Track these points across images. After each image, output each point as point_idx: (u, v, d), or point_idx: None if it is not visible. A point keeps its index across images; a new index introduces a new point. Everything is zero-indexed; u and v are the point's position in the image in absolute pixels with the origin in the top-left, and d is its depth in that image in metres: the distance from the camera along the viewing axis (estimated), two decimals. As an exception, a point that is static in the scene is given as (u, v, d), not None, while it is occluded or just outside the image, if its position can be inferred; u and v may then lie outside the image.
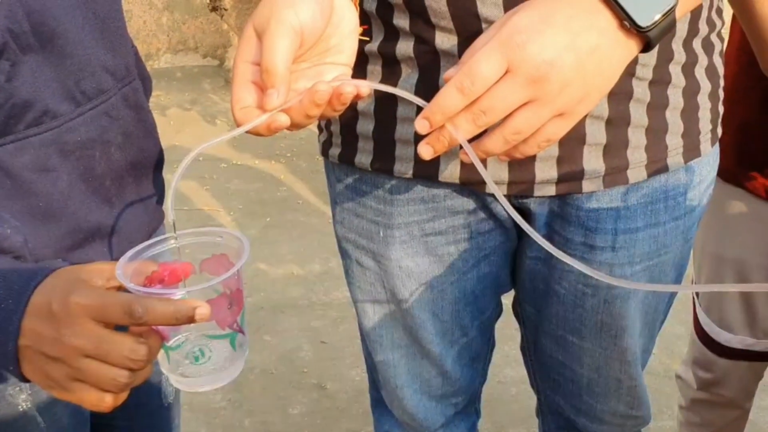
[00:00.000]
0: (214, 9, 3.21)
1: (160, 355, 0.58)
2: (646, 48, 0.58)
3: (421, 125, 0.56)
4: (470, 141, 0.57)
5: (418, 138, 0.75)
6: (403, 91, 0.60)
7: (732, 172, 1.04)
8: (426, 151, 0.58)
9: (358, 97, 0.59)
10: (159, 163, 0.84)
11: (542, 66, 0.53)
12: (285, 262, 2.42)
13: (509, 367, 1.85)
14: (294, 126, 0.60)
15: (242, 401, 1.84)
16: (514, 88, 0.54)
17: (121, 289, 0.56)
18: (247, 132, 0.58)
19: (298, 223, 2.68)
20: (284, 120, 0.58)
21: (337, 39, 0.62)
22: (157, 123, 0.85)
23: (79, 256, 0.73)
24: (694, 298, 1.19)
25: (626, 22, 0.55)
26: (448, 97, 0.54)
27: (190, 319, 0.53)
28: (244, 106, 0.58)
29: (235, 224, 2.68)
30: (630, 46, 0.57)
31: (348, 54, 0.64)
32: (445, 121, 0.55)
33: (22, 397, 0.75)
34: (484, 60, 0.53)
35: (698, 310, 1.17)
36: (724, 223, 1.08)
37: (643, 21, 0.55)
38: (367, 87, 0.59)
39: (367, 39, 0.74)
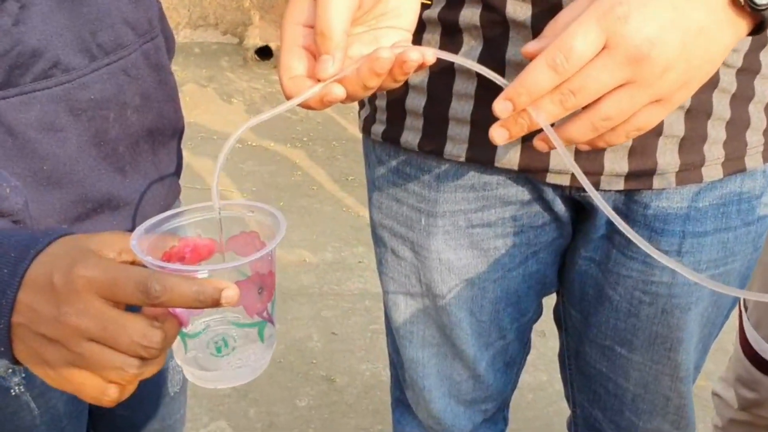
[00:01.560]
0: (237, -14, 3.13)
1: (176, 343, 0.50)
2: (756, 30, 0.50)
3: (502, 107, 0.49)
4: (551, 125, 0.50)
5: (475, 117, 0.69)
6: (478, 65, 0.52)
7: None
8: (500, 135, 0.51)
9: (422, 66, 0.52)
10: (178, 131, 0.77)
11: (644, 44, 0.47)
12: (297, 249, 2.35)
13: (526, 372, 1.76)
14: (349, 98, 0.52)
15: (248, 390, 1.77)
16: (611, 67, 0.47)
17: (135, 263, 0.48)
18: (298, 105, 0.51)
19: (311, 209, 2.61)
20: (339, 92, 0.51)
21: (397, 1, 0.55)
22: (173, 99, 0.77)
23: (85, 228, 0.65)
24: (741, 311, 1.11)
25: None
26: (538, 74, 0.47)
27: (215, 303, 0.45)
28: (294, 75, 0.51)
29: (248, 207, 2.61)
30: (739, 27, 0.50)
31: (408, 18, 0.56)
32: (531, 102, 0.48)
33: (14, 380, 0.68)
34: (580, 33, 0.47)
35: (746, 325, 1.09)
36: None
37: None
38: (433, 55, 0.52)
39: (429, 3, 0.67)
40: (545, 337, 1.75)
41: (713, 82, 0.64)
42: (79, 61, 0.61)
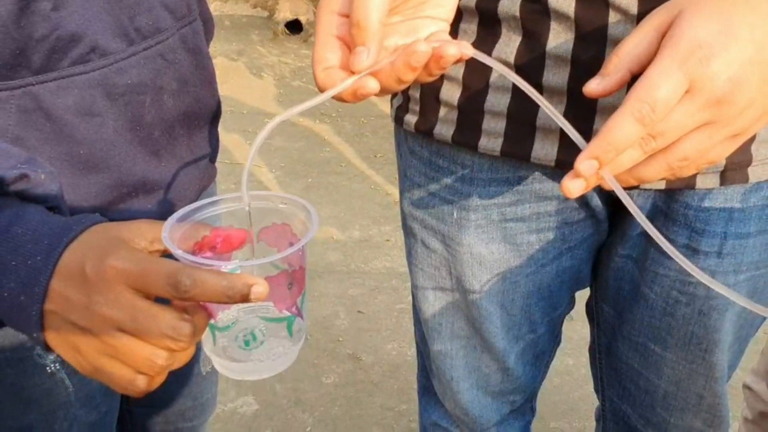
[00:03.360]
0: (268, -42, 3.10)
1: (205, 334, 0.50)
2: None
3: (587, 167, 0.47)
4: None
5: (512, 110, 0.67)
6: (526, 85, 0.50)
7: None
8: (577, 187, 0.48)
9: (460, 61, 0.50)
10: (215, 116, 0.76)
11: (727, 86, 0.45)
12: (325, 226, 2.36)
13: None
14: (383, 91, 0.51)
15: (275, 366, 1.80)
16: (692, 111, 0.46)
17: (165, 254, 0.48)
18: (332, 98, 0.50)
19: (340, 186, 2.61)
20: (373, 86, 0.49)
21: None
22: (202, 72, 0.76)
23: (121, 213, 0.66)
24: None
25: None
26: (625, 128, 0.45)
27: (245, 298, 0.45)
28: (327, 66, 0.50)
29: (276, 182, 2.62)
30: None
31: (448, 8, 0.54)
32: (617, 156, 0.46)
33: (50, 358, 0.69)
34: (664, 81, 0.45)
35: None
36: None
37: None
38: (472, 53, 0.50)
39: None
40: (572, 321, 1.74)
41: None
42: (117, 45, 0.60)
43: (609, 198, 0.72)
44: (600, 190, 0.70)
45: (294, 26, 3.71)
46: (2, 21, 0.53)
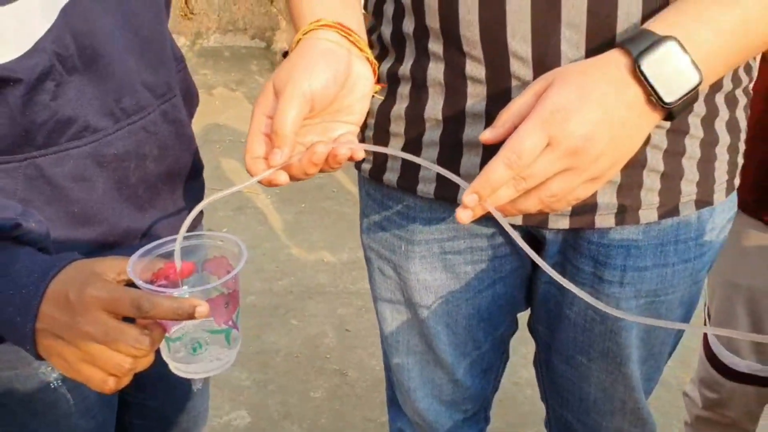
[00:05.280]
0: (265, -6, 3.27)
1: (162, 344, 0.64)
2: (668, 117, 0.62)
3: (470, 200, 0.60)
4: None
5: (441, 160, 0.80)
6: (425, 160, 0.67)
7: (750, 205, 1.06)
8: (466, 216, 0.62)
9: (352, 158, 0.65)
10: (195, 171, 0.89)
11: (580, 140, 0.58)
12: (316, 249, 2.49)
13: (525, 369, 1.89)
14: (294, 179, 0.66)
15: (267, 382, 1.92)
16: (554, 160, 0.59)
17: (130, 283, 0.62)
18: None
19: (331, 210, 2.74)
20: (283, 179, 0.65)
21: (350, 101, 0.69)
22: (203, 102, 0.89)
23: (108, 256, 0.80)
24: (705, 318, 1.21)
25: (653, 98, 0.59)
26: (497, 171, 0.59)
27: (191, 316, 0.59)
28: (255, 156, 0.65)
29: (272, 208, 2.75)
30: (654, 117, 0.61)
31: (358, 115, 0.70)
32: (493, 193, 0.60)
33: (53, 376, 0.83)
34: (528, 137, 0.58)
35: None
36: (739, 252, 1.10)
37: (668, 97, 0.59)
38: (361, 150, 0.66)
39: (381, 98, 0.79)
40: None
41: (646, 140, 0.74)
42: (106, 123, 0.74)
43: (528, 235, 0.85)
44: (519, 229, 0.83)
45: (291, 55, 3.86)
46: (10, 111, 0.67)
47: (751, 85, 0.81)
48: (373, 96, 0.74)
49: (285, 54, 3.83)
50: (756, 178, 1.03)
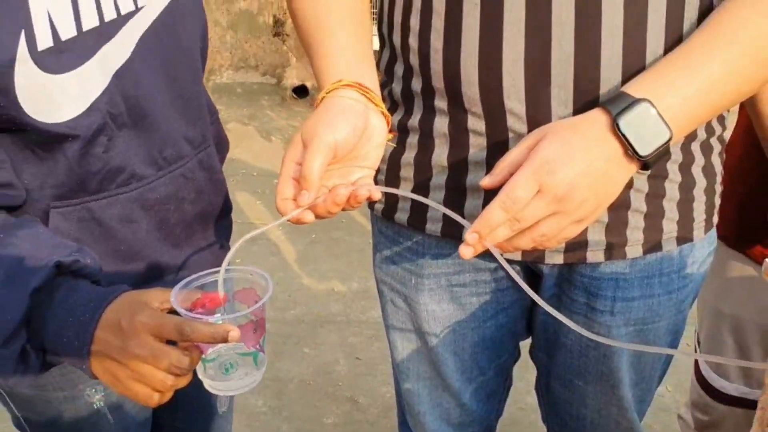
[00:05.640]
0: (276, 34, 3.40)
1: (198, 365, 0.73)
2: (644, 167, 0.71)
3: (472, 238, 0.70)
4: None
5: (447, 202, 0.89)
6: (433, 202, 0.77)
7: (732, 240, 1.14)
8: (468, 252, 0.71)
9: (370, 198, 0.75)
10: (225, 211, 0.99)
11: (566, 188, 0.67)
12: (327, 279, 2.57)
13: (530, 395, 1.95)
14: (318, 218, 0.76)
15: (281, 408, 1.99)
16: (542, 205, 0.68)
17: (172, 311, 0.71)
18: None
19: (341, 240, 2.83)
20: (310, 218, 0.75)
21: (367, 149, 0.78)
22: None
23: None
24: (696, 344, 1.28)
25: (630, 151, 0.68)
26: (495, 213, 0.68)
27: (224, 340, 0.67)
28: (285, 197, 0.75)
29: (284, 238, 2.84)
30: (632, 168, 0.71)
31: (373, 160, 0.80)
32: (491, 232, 0.69)
33: (96, 397, 0.92)
34: (521, 184, 0.67)
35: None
36: (724, 282, 1.18)
37: (643, 151, 0.68)
38: (377, 191, 0.75)
39: (394, 145, 0.89)
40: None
41: (629, 184, 0.83)
42: (150, 171, 0.84)
43: (527, 269, 0.93)
44: (519, 263, 0.92)
45: (301, 91, 4.00)
46: (69, 162, 0.77)
47: (726, 133, 0.90)
48: (386, 144, 0.83)
49: (295, 90, 3.97)
50: (736, 216, 1.11)
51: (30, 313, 0.68)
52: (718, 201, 0.91)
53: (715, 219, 0.92)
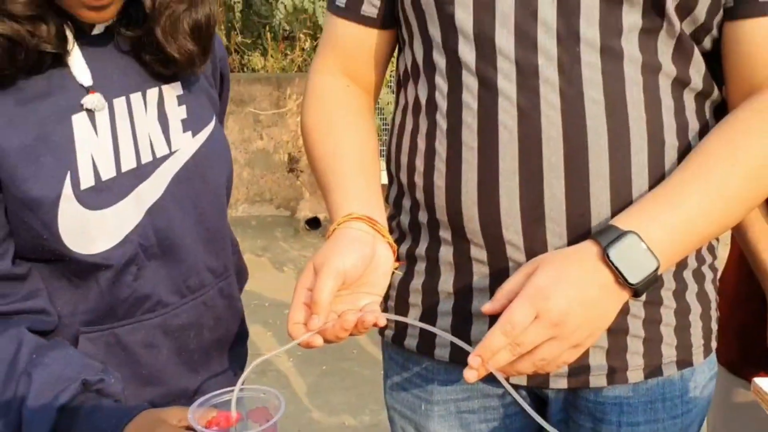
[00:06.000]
0: (291, 170, 3.58)
1: None
2: (636, 295, 0.76)
3: (475, 361, 0.73)
4: None
5: (454, 328, 0.93)
6: (435, 328, 0.82)
7: (735, 366, 1.16)
8: (472, 375, 0.74)
9: (376, 324, 0.79)
10: (240, 338, 1.04)
11: (561, 315, 0.72)
12: (337, 413, 2.53)
13: None
14: (327, 342, 0.80)
15: None
16: (540, 330, 0.72)
17: (189, 427, 0.74)
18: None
19: (352, 372, 2.81)
20: (319, 342, 0.79)
21: (374, 277, 0.84)
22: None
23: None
24: None
25: (620, 280, 0.73)
26: (495, 338, 0.72)
27: None
28: (296, 322, 0.79)
29: (294, 370, 2.83)
30: (623, 295, 0.76)
31: (380, 288, 0.85)
32: (493, 355, 0.73)
33: None
34: (519, 310, 0.72)
35: None
36: (730, 408, 1.17)
37: (633, 279, 0.73)
38: (383, 318, 0.80)
39: (401, 273, 0.95)
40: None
41: (625, 311, 0.86)
42: (174, 299, 0.90)
43: (534, 394, 0.95)
44: (526, 389, 0.94)
45: (314, 223, 4.14)
46: (100, 290, 0.84)
47: (716, 262, 0.95)
48: (393, 272, 0.89)
49: (308, 222, 4.11)
50: (738, 341, 1.14)
51: (56, 427, 0.72)
52: (714, 326, 0.95)
53: (714, 344, 0.95)
